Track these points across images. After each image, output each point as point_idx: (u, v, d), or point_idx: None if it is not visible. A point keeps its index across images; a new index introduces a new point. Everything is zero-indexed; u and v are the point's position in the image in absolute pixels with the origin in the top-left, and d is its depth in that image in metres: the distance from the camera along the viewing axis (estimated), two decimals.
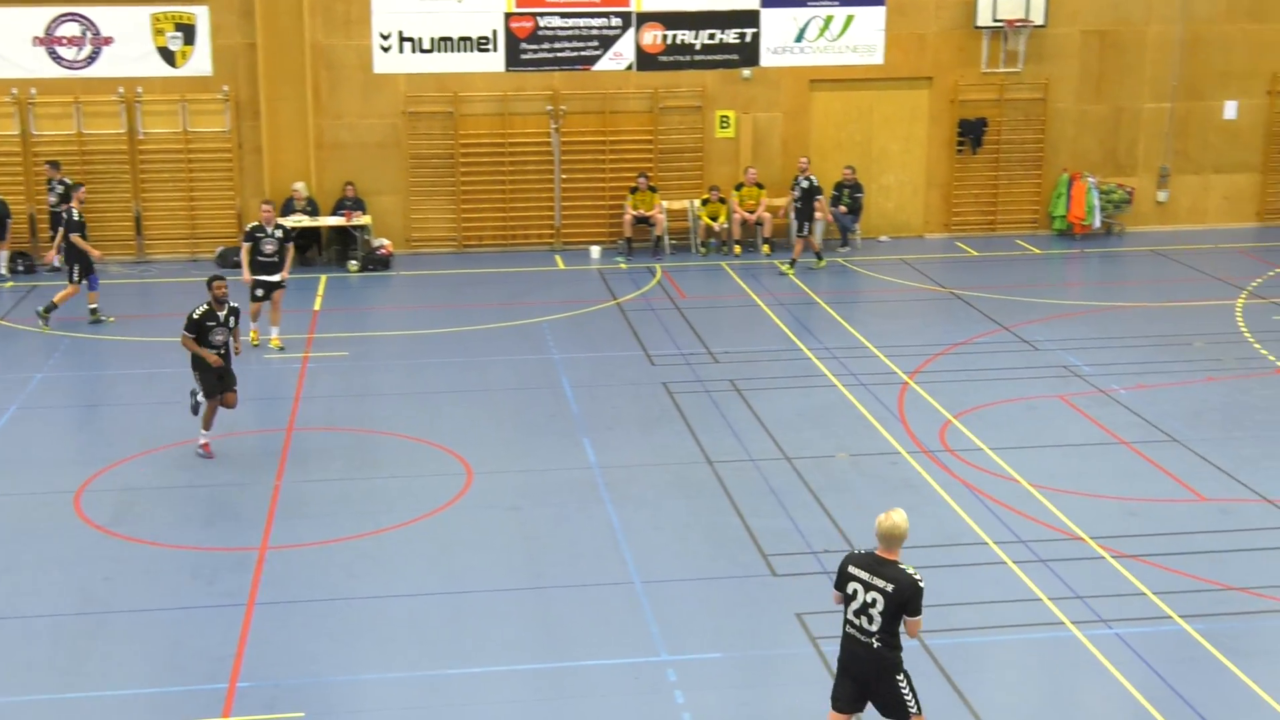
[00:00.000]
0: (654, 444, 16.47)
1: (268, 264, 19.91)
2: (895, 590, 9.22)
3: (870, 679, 9.48)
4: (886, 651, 9.38)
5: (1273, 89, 27.30)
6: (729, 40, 26.13)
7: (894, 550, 9.39)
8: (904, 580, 9.24)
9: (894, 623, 9.30)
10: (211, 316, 15.84)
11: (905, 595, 9.22)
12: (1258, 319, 21.31)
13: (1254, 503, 14.60)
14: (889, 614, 9.27)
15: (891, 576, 9.27)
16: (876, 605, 9.29)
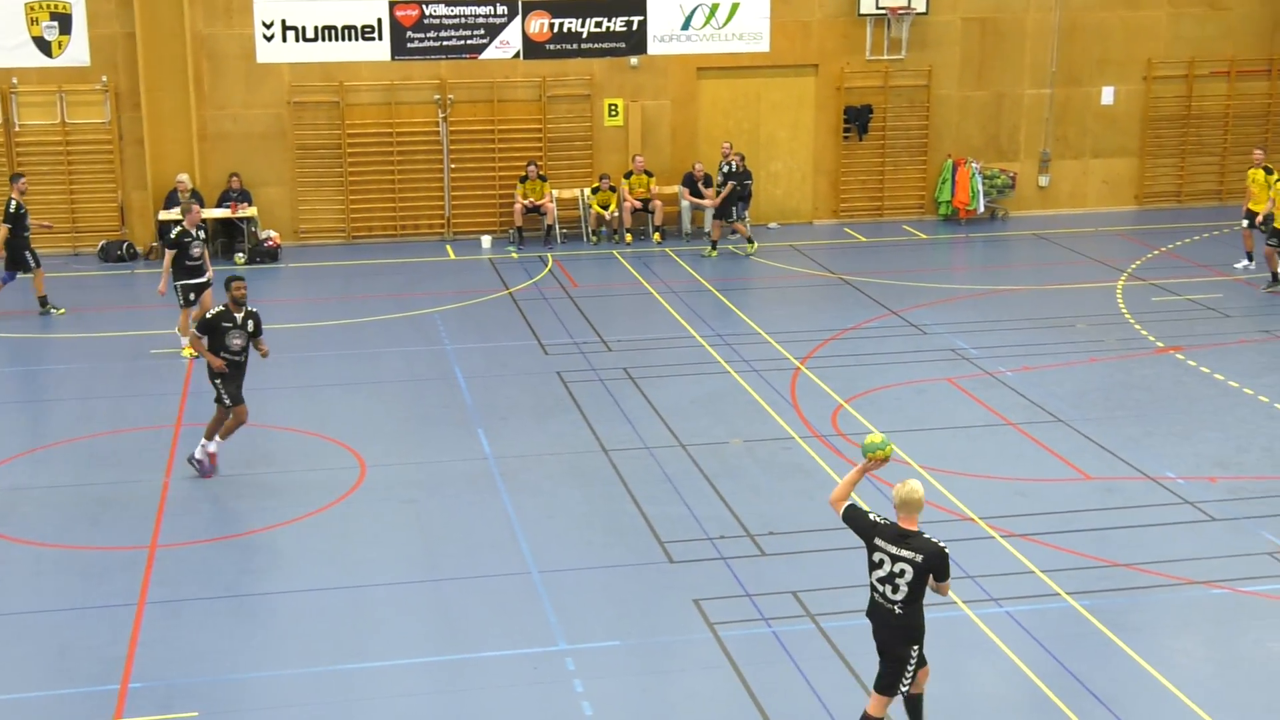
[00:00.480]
0: (549, 433, 16.46)
1: (196, 268, 18.87)
2: (924, 560, 9.48)
3: (887, 644, 9.72)
4: (906, 619, 9.60)
5: (1148, 75, 27.91)
6: (616, 28, 26.13)
7: (913, 518, 9.64)
8: (930, 550, 9.50)
9: (921, 590, 9.55)
10: (227, 318, 14.87)
11: (933, 564, 9.49)
12: (1137, 300, 21.80)
13: (1137, 480, 14.95)
14: (917, 582, 9.51)
15: (918, 547, 9.52)
16: (905, 575, 9.53)
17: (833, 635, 11.74)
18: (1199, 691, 10.89)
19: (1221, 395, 17.47)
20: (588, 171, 26.47)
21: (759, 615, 12.12)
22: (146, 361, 19.11)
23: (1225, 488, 14.72)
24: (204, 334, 14.93)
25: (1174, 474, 15.07)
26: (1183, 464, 15.35)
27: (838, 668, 11.27)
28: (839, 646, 11.56)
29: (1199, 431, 16.31)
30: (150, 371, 18.76)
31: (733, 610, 12.23)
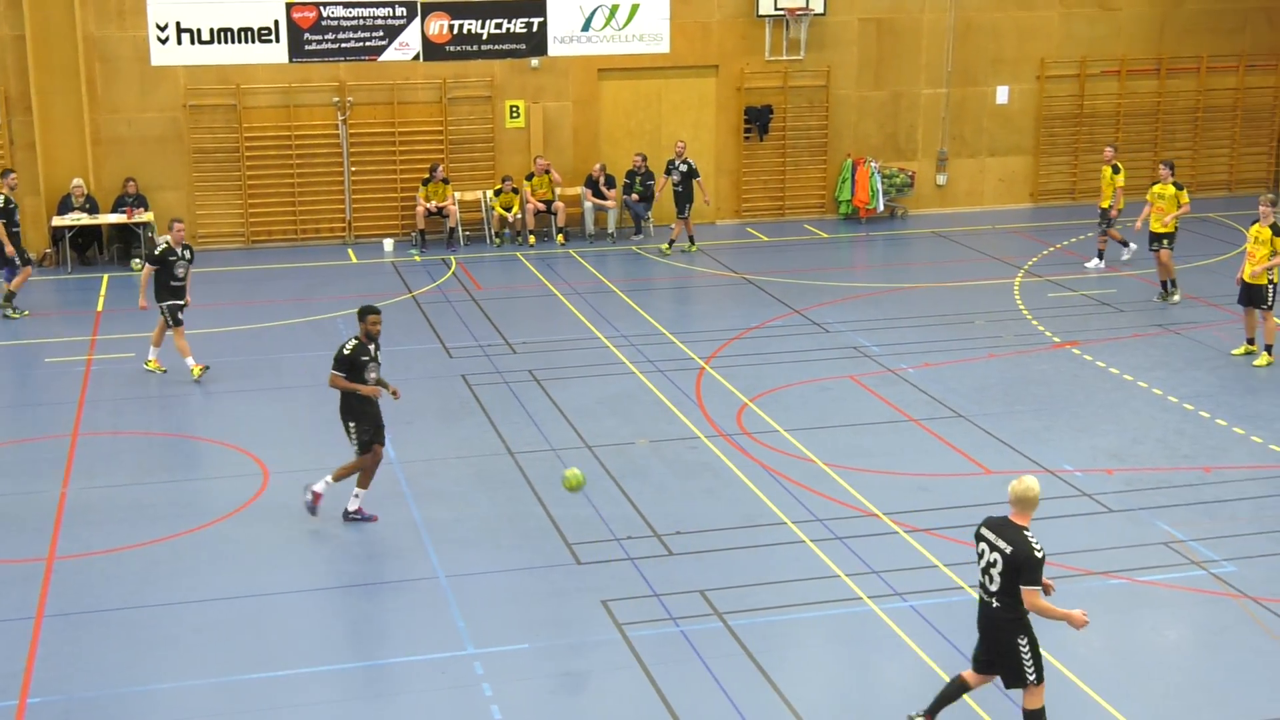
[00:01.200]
0: (454, 437, 16.40)
1: (180, 288, 18.13)
2: (1012, 553, 9.51)
3: (991, 639, 9.80)
4: (1005, 613, 9.64)
5: (1041, 74, 28.39)
6: (516, 30, 26.08)
7: (1025, 514, 9.69)
8: (1021, 544, 9.52)
9: (1013, 585, 9.55)
10: (364, 351, 13.88)
11: (1020, 560, 9.48)
12: (1034, 296, 22.16)
13: (1036, 473, 15.16)
14: (1007, 576, 9.53)
15: (1011, 539, 9.58)
16: (996, 566, 9.60)
17: (740, 633, 11.81)
18: (1099, 680, 11.09)
19: (1116, 389, 17.81)
20: (490, 173, 26.39)
21: (667, 615, 12.16)
22: (41, 370, 18.76)
23: (1121, 479, 15.01)
24: (343, 371, 13.76)
25: (1072, 466, 15.34)
26: (1080, 457, 15.62)
27: (746, 665, 11.34)
28: (746, 644, 11.63)
29: (1095, 425, 16.61)
30: (44, 381, 18.41)
31: (641, 610, 12.26)
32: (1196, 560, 13.09)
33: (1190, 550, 13.29)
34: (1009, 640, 9.71)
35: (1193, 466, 15.31)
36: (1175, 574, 12.88)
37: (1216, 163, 29.72)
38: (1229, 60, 29.18)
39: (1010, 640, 9.71)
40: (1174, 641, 12.02)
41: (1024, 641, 9.72)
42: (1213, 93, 29.30)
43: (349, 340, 13.91)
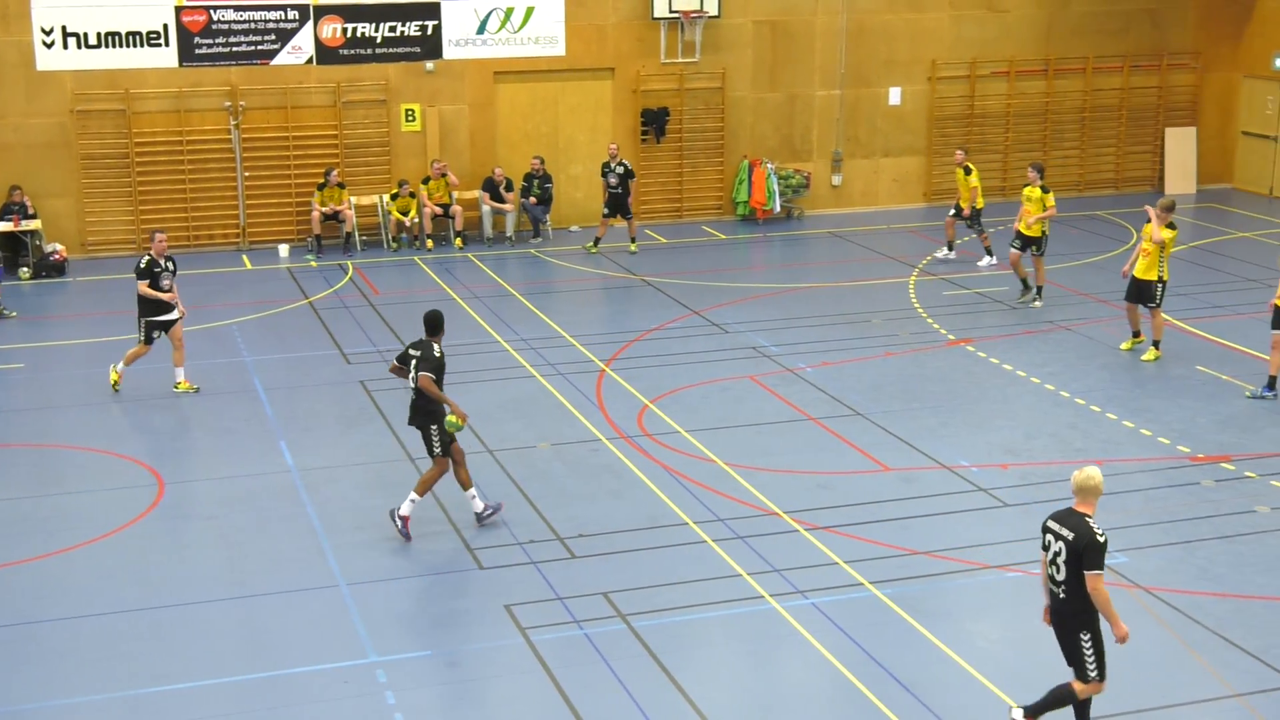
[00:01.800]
0: (354, 443, 16.27)
1: (165, 302, 17.68)
2: (1074, 539, 9.60)
3: (1059, 629, 9.88)
4: (1070, 604, 9.73)
5: (933, 75, 28.76)
6: (410, 33, 25.92)
7: (1088, 503, 9.77)
8: (1083, 529, 9.62)
9: (1077, 573, 9.64)
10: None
11: (1082, 544, 9.57)
12: (929, 295, 22.45)
13: (933, 470, 15.39)
14: (1071, 564, 9.62)
15: (1073, 526, 9.67)
16: (1061, 555, 9.68)
17: (644, 634, 11.84)
18: (997, 672, 11.26)
19: (1010, 385, 18.09)
20: (386, 177, 26.21)
21: (570, 618, 12.15)
22: None
23: (1016, 474, 15.25)
24: (437, 374, 13.67)
25: (968, 462, 15.56)
26: (976, 452, 15.85)
27: (650, 666, 11.37)
28: (650, 645, 11.67)
29: (990, 420, 16.87)
30: None
31: (544, 614, 12.25)
32: None
33: None
34: (1073, 633, 9.87)
35: (1085, 460, 15.59)
36: None
37: (1103, 161, 30.30)
38: (1114, 61, 29.77)
39: (1074, 633, 9.87)
40: None
41: (1086, 637, 9.86)
42: (1099, 93, 29.87)
43: (438, 344, 13.83)
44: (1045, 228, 21.38)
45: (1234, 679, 11.15)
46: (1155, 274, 18.70)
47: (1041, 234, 21.37)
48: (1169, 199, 18.89)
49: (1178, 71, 30.24)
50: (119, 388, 17.85)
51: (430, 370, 13.59)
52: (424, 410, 13.74)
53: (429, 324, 13.94)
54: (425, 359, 13.70)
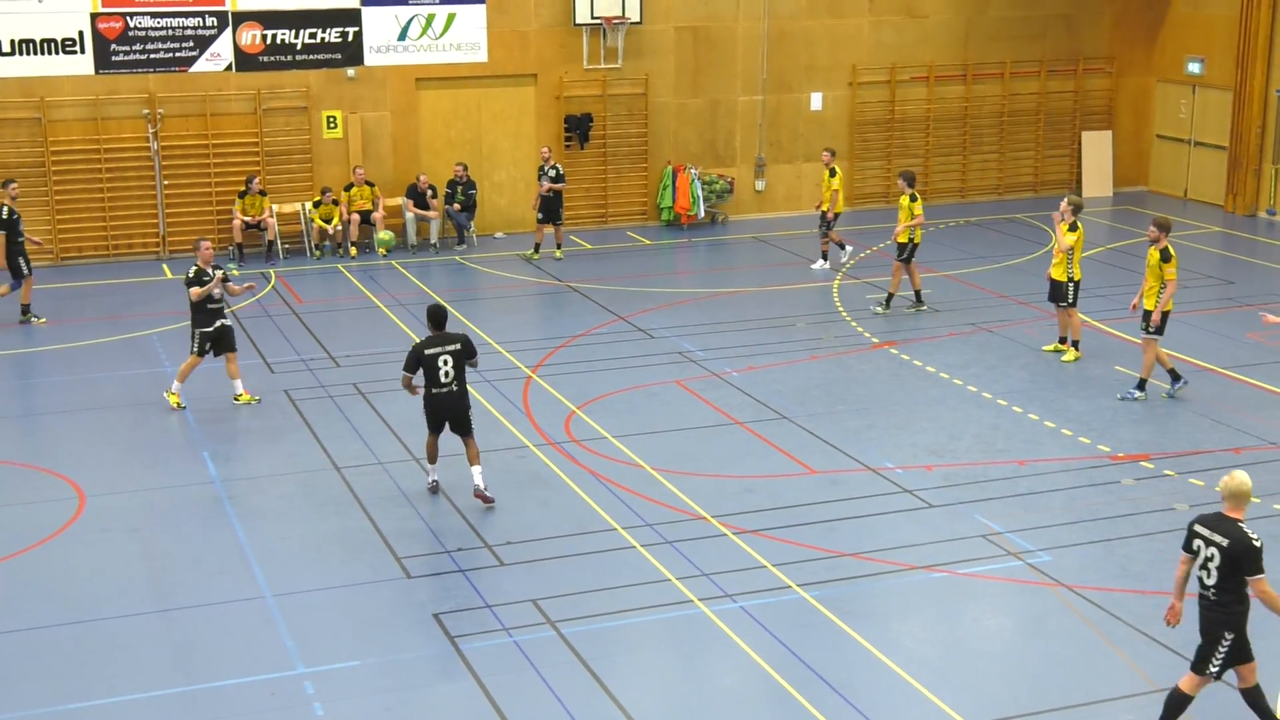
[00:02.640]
0: (278, 453, 16.13)
1: (216, 311, 17.40)
2: (1229, 545, 9.70)
3: (1207, 628, 9.96)
4: (1219, 605, 9.83)
5: (854, 81, 28.99)
6: (331, 39, 25.76)
7: (1239, 508, 9.88)
8: (1238, 535, 9.72)
9: (1230, 579, 9.75)
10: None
11: (1238, 551, 9.67)
12: (853, 298, 22.61)
13: (858, 472, 15.51)
14: (1224, 569, 9.71)
15: (1227, 532, 9.76)
16: (1214, 560, 9.77)
17: (573, 641, 11.84)
18: (924, 672, 11.37)
19: (934, 387, 18.27)
20: (308, 185, 26.02)
21: (499, 625, 12.13)
22: None
23: (940, 475, 15.40)
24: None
25: (893, 464, 15.69)
26: (901, 454, 15.99)
27: (579, 673, 11.37)
28: (580, 652, 11.66)
29: (915, 422, 17.02)
30: None
31: (473, 622, 12.21)
32: (1014, 551, 13.50)
33: (1007, 542, 13.70)
34: (1216, 630, 9.98)
35: (1008, 460, 15.78)
36: (994, 565, 13.26)
37: (1022, 165, 30.69)
38: (1031, 66, 30.16)
39: (1217, 630, 9.98)
40: (994, 631, 12.38)
41: (1230, 637, 9.96)
42: (1017, 97, 30.25)
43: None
44: (913, 235, 21.47)
45: (1155, 674, 11.32)
46: (1065, 274, 18.98)
47: (908, 241, 21.49)
48: (1076, 199, 19.11)
49: (1093, 76, 30.70)
50: (182, 405, 17.49)
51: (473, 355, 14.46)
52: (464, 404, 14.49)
53: (440, 317, 14.40)
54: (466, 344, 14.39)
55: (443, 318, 14.40)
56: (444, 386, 14.26)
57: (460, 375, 14.33)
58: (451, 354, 14.22)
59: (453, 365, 14.22)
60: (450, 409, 14.41)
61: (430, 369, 14.21)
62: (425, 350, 14.20)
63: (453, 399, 14.35)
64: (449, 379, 14.24)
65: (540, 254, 25.50)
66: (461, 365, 14.32)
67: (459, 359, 14.27)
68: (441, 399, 14.36)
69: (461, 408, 14.43)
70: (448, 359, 14.20)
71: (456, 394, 14.35)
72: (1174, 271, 17.33)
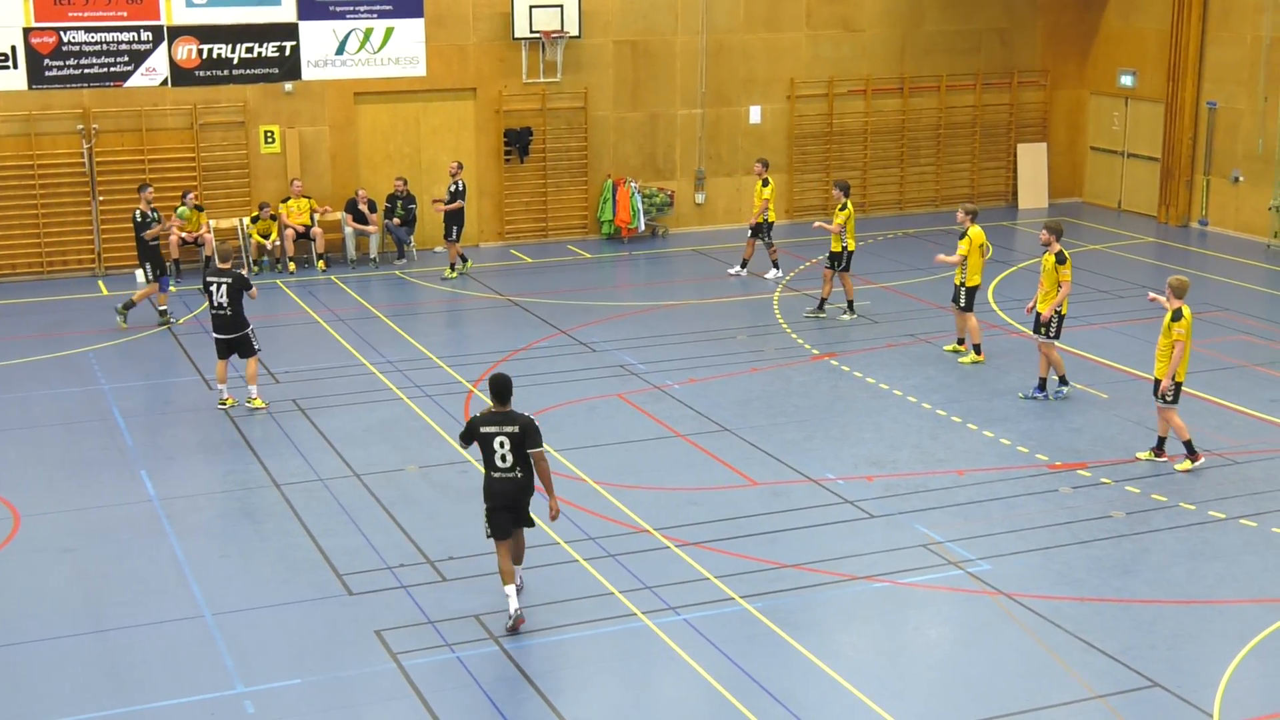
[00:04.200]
0: (217, 471, 15.99)
1: (218, 316, 17.75)
2: None
3: None
4: None
5: (792, 94, 29.15)
6: (268, 54, 25.61)
7: None
8: None
9: None
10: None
11: None
12: (793, 310, 22.71)
13: (800, 483, 15.57)
14: None
15: None
16: None
17: (516, 656, 11.81)
18: (866, 681, 11.42)
19: (874, 398, 18.38)
20: (246, 200, 25.84)
21: (442, 641, 12.07)
22: None
23: (881, 485, 15.49)
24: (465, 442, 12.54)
25: (834, 475, 15.76)
26: (841, 465, 16.07)
27: (523, 688, 11.34)
28: (523, 667, 11.64)
29: (855, 433, 17.11)
30: None
31: (415, 639, 12.15)
32: (954, 560, 13.60)
33: (948, 551, 13.80)
34: None
35: (948, 470, 15.90)
36: (934, 575, 13.35)
37: (959, 177, 30.95)
38: (967, 79, 30.45)
39: None
40: (935, 640, 12.46)
41: None
42: (953, 110, 30.52)
43: None
44: (845, 243, 21.78)
45: (1094, 681, 11.43)
46: (957, 278, 19.72)
47: (841, 249, 21.85)
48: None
49: (1028, 89, 31.03)
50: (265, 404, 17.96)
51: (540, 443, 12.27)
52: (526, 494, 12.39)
53: (501, 390, 12.35)
54: (528, 430, 12.22)
55: (505, 391, 12.31)
56: (502, 471, 12.24)
57: (523, 460, 12.22)
58: (509, 437, 12.16)
59: (511, 449, 12.18)
60: (510, 495, 12.30)
61: (486, 449, 12.27)
62: (481, 427, 12.23)
63: (514, 486, 12.27)
64: (507, 463, 12.22)
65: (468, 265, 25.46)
66: (522, 450, 12.19)
67: (518, 445, 12.18)
68: (501, 484, 12.29)
69: (523, 497, 12.38)
70: (504, 441, 12.16)
71: (520, 480, 12.26)
72: (1069, 274, 17.98)
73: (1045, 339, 17.94)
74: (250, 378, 18.01)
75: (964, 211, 19.94)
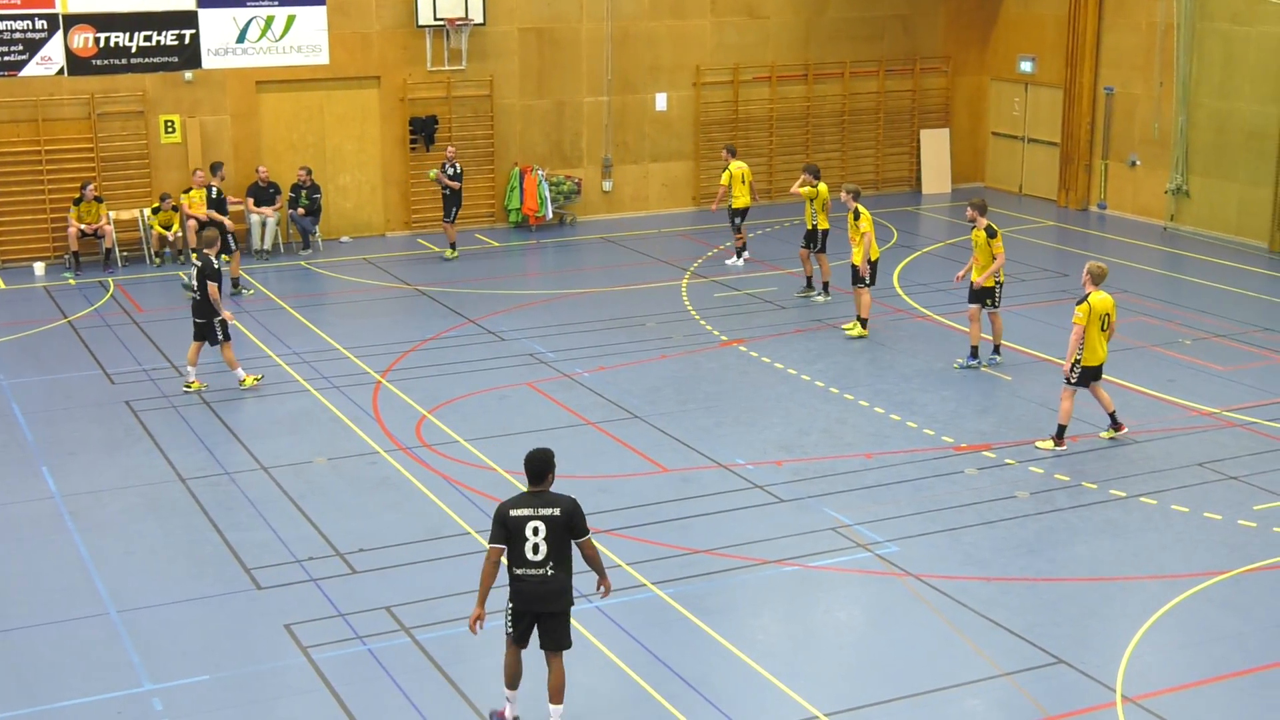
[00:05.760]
0: (121, 466, 15.76)
1: (192, 300, 18.50)
2: None
3: None
4: None
5: (697, 81, 29.23)
6: (167, 42, 25.22)
7: None
8: None
9: None
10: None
11: None
12: (701, 297, 22.80)
13: (711, 469, 15.65)
14: None
15: None
16: None
17: (428, 647, 11.77)
18: (778, 665, 11.51)
19: (782, 383, 18.50)
20: (147, 191, 25.44)
21: (353, 634, 12.00)
22: None
23: (790, 470, 15.61)
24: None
25: (744, 460, 15.86)
26: (751, 450, 16.17)
27: (435, 679, 11.31)
28: (435, 658, 11.60)
29: (764, 418, 17.22)
30: None
31: (326, 632, 12.07)
32: (862, 543, 13.74)
33: (856, 534, 13.94)
34: None
35: (855, 454, 16.06)
36: (843, 557, 13.49)
37: (864, 163, 31.21)
38: (870, 66, 30.70)
39: None
40: (845, 622, 12.59)
41: None
42: (857, 96, 30.76)
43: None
44: (817, 223, 22.43)
45: (1001, 659, 11.61)
46: (858, 257, 20.31)
47: (814, 228, 22.50)
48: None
49: (930, 75, 31.36)
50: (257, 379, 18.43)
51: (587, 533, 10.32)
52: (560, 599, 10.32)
53: (539, 468, 10.31)
54: (572, 514, 10.21)
55: (544, 469, 10.28)
56: (532, 566, 10.14)
57: (559, 555, 10.18)
58: (546, 521, 10.11)
59: (546, 537, 10.10)
60: (539, 600, 10.25)
61: (517, 537, 10.13)
62: (511, 511, 10.15)
63: (544, 587, 10.20)
64: (540, 555, 10.14)
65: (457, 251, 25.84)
66: (562, 541, 10.18)
67: (556, 533, 10.14)
68: (528, 584, 10.20)
69: (556, 602, 10.26)
70: (539, 528, 10.09)
71: (550, 579, 10.18)
72: (1000, 246, 18.71)
73: (993, 308, 18.83)
74: (229, 364, 18.29)
75: (846, 193, 20.68)
